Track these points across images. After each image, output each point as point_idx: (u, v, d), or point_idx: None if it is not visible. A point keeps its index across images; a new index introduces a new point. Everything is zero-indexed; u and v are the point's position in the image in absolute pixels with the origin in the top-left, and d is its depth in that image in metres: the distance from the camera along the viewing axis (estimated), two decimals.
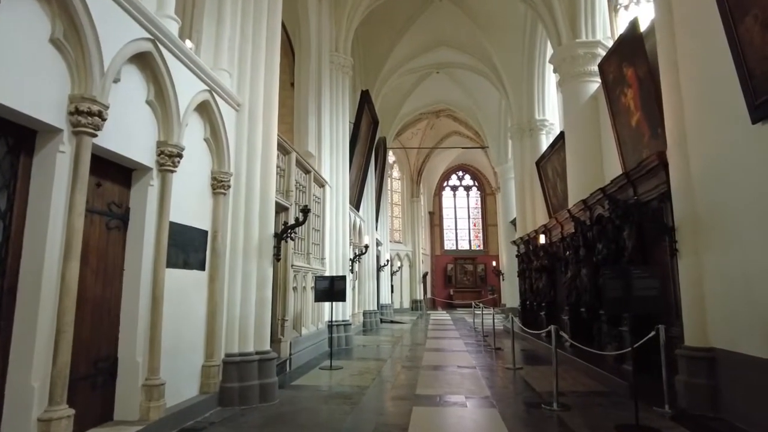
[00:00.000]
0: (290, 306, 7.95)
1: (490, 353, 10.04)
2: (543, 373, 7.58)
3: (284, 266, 7.84)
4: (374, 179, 17.97)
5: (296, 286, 8.46)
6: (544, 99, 16.19)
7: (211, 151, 5.58)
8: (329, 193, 10.94)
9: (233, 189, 5.80)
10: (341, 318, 10.81)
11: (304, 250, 9.09)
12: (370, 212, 17.18)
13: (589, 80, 11.08)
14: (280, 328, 7.66)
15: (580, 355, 8.06)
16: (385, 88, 18.05)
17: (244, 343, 5.62)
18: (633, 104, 8.62)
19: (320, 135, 10.86)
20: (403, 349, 10.64)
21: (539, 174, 15.03)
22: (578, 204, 9.04)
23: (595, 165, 10.61)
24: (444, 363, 8.61)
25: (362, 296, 15.72)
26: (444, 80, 20.83)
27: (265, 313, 5.90)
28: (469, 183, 34.12)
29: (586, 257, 8.59)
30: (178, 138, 4.65)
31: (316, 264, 9.83)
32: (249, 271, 5.76)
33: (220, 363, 5.41)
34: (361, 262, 15.84)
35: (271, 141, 6.28)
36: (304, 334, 8.74)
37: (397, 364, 8.48)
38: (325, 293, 8.15)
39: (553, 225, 11.31)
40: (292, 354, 7.90)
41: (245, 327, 5.65)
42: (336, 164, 11.39)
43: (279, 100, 12.77)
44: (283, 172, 8.03)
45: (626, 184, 6.93)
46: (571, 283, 9.52)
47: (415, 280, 28.40)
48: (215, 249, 5.50)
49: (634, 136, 8.69)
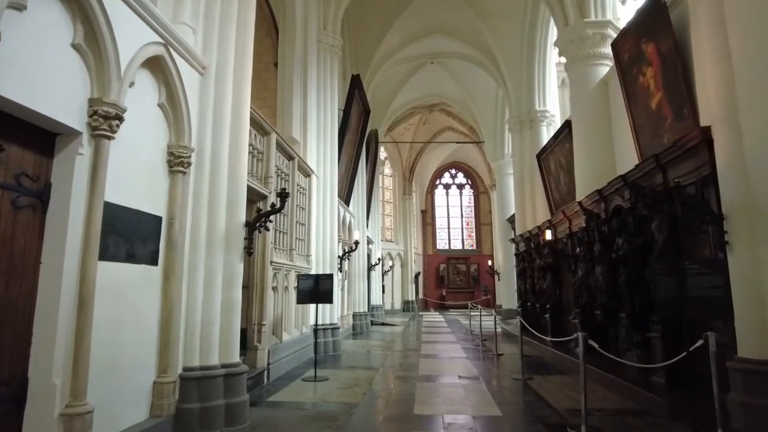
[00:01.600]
0: (269, 308, 6.97)
1: (492, 360, 9.12)
2: (556, 384, 6.66)
3: (261, 263, 6.85)
4: (365, 173, 17.01)
5: (276, 286, 7.47)
6: (544, 89, 15.35)
7: (168, 121, 4.58)
8: (316, 183, 9.96)
9: (195, 167, 4.81)
10: (328, 321, 9.83)
11: (287, 245, 8.10)
12: (361, 208, 16.22)
13: (598, 63, 10.22)
14: (256, 334, 6.67)
15: (597, 364, 7.16)
16: (376, 78, 17.08)
17: (207, 355, 4.63)
18: (653, 84, 7.75)
19: (306, 120, 9.87)
20: (396, 355, 9.68)
21: (540, 168, 14.16)
22: (591, 195, 8.16)
23: (605, 155, 9.74)
24: (442, 372, 7.67)
25: (352, 297, 14.74)
26: (438, 71, 19.93)
27: (234, 318, 4.91)
28: (462, 181, 33.31)
29: (602, 254, 7.70)
30: (118, 96, 3.65)
31: (300, 261, 8.85)
32: (213, 266, 4.77)
33: (176, 379, 4.41)
34: (351, 261, 14.87)
35: (243, 113, 5.29)
36: (285, 340, 7.75)
37: (389, 374, 7.53)
38: (310, 294, 7.17)
39: (559, 220, 10.43)
40: (271, 363, 6.91)
41: (208, 335, 4.66)
42: (323, 153, 10.41)
43: (262, 82, 11.83)
44: (262, 156, 7.05)
45: (654, 168, 6.05)
46: (582, 283, 8.63)
47: (407, 280, 27.48)
48: (172, 239, 4.51)
49: (654, 119, 7.83)
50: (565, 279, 10.44)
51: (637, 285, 6.58)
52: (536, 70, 15.25)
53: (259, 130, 6.95)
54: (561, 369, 7.95)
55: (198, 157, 4.84)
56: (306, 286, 7.14)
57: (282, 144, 7.78)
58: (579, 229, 9.05)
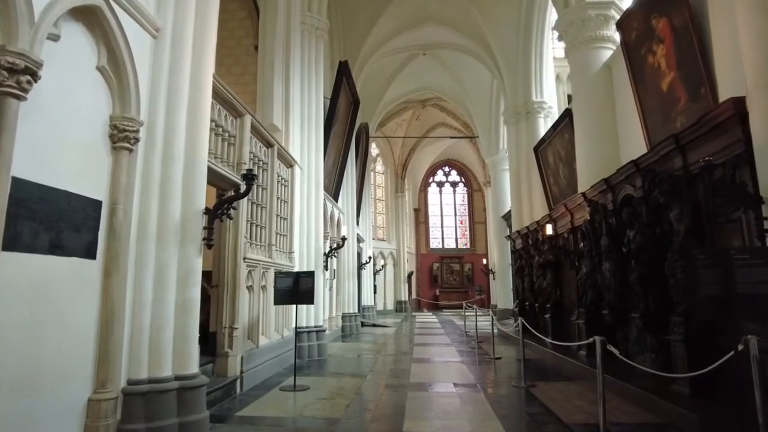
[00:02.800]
0: (242, 310, 6.24)
1: (489, 364, 8.45)
2: (563, 393, 5.99)
3: (233, 259, 6.13)
4: (355, 169, 16.30)
5: (252, 285, 6.74)
6: (541, 79, 14.73)
7: (111, 88, 3.85)
8: (299, 175, 9.23)
9: (145, 144, 4.08)
10: (313, 323, 9.11)
11: (265, 240, 7.38)
12: (350, 204, 15.51)
13: (601, 46, 9.59)
14: (227, 338, 5.94)
15: (607, 369, 6.49)
16: (366, 69, 16.38)
17: (157, 365, 3.90)
18: (665, 63, 7.12)
19: (288, 107, 9.14)
20: (387, 359, 8.98)
21: (538, 161, 13.53)
22: (597, 185, 7.51)
23: (609, 143, 9.11)
24: (436, 379, 6.98)
25: (341, 297, 14.03)
26: (431, 63, 19.24)
27: (190, 321, 4.19)
28: (456, 179, 32.70)
29: (610, 248, 7.04)
30: (29, 46, 2.92)
31: (281, 258, 8.12)
32: (166, 261, 4.05)
33: (117, 395, 3.68)
34: (340, 260, 14.16)
35: (203, 84, 4.57)
36: (263, 344, 7.02)
37: (379, 382, 6.82)
38: (288, 294, 6.45)
39: (559, 214, 9.78)
40: (245, 371, 6.18)
41: (159, 341, 3.94)
42: (308, 142, 9.69)
43: (241, 66, 11.08)
44: (234, 140, 6.32)
45: (673, 151, 5.39)
46: (586, 281, 7.97)
47: (399, 280, 26.77)
48: (114, 228, 3.78)
49: (666, 102, 7.20)
50: (567, 277, 9.80)
51: (651, 282, 5.93)
52: (533, 60, 14.62)
53: (231, 110, 6.22)
54: (565, 374, 7.29)
55: (149, 132, 4.11)
56: (284, 285, 6.42)
57: (258, 128, 7.05)
58: (583, 223, 8.39)
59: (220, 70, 8.75)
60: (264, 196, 7.45)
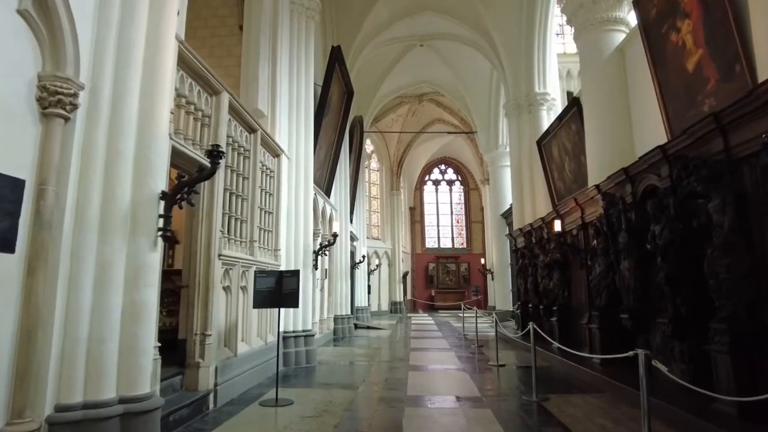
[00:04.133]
0: (217, 314, 5.48)
1: (493, 373, 7.72)
2: (580, 408, 5.27)
3: (206, 256, 5.36)
4: (349, 164, 15.56)
5: (229, 286, 5.98)
6: (545, 70, 14.02)
7: (39, 39, 3.10)
8: (287, 165, 8.47)
9: (87, 113, 3.32)
10: (301, 327, 8.34)
11: (246, 235, 6.61)
12: (344, 201, 14.74)
13: (613, 29, 8.91)
14: (198, 347, 5.18)
15: (622, 378, 5.80)
16: (361, 60, 15.65)
17: (96, 385, 3.14)
18: (692, 40, 6.42)
19: (275, 91, 8.38)
20: (381, 367, 8.23)
21: (541, 155, 12.84)
22: (615, 176, 6.80)
23: (622, 133, 8.43)
24: (436, 391, 6.24)
25: (333, 298, 13.27)
26: (428, 55, 18.50)
27: (143, 330, 3.43)
28: (452, 177, 31.98)
29: (629, 245, 6.34)
30: None
31: (265, 256, 7.36)
32: (110, 256, 3.29)
33: (40, 425, 2.92)
34: (332, 259, 13.41)
35: (164, 44, 3.81)
36: (242, 352, 6.26)
37: (372, 395, 6.08)
38: (270, 296, 5.69)
39: (568, 209, 9.07)
40: (220, 384, 5.42)
41: (99, 356, 3.18)
42: (296, 131, 8.92)
43: (225, 48, 10.26)
44: (209, 120, 5.56)
45: (712, 132, 4.68)
46: (600, 281, 7.28)
47: (394, 280, 26.02)
48: (41, 215, 3.02)
49: (691, 84, 6.50)
50: (575, 277, 9.10)
51: (681, 282, 5.23)
52: (536, 49, 13.92)
53: (205, 86, 5.46)
54: (578, 385, 6.58)
55: (92, 98, 3.35)
56: (265, 285, 5.65)
57: (239, 110, 6.29)
58: (596, 218, 7.70)
59: (202, 51, 7.95)
60: (245, 186, 6.69)
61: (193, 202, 3.77)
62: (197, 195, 3.74)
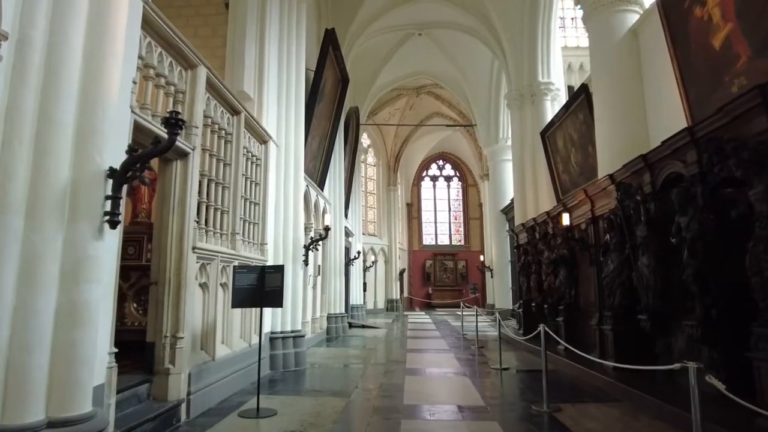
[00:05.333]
0: (191, 314, 4.87)
1: (496, 377, 7.15)
2: (599, 421, 4.69)
3: (178, 248, 4.75)
4: (344, 156, 14.94)
5: (206, 282, 5.37)
6: (549, 59, 13.43)
7: None
8: (275, 153, 7.87)
9: (11, 69, 2.70)
10: (289, 327, 7.74)
11: (227, 227, 6.00)
12: (338, 195, 14.14)
13: (625, 9, 8.36)
14: (168, 351, 4.57)
15: (643, 387, 5.23)
16: (357, 49, 15.02)
17: (18, 406, 2.53)
18: (719, 14, 5.84)
19: (262, 74, 7.76)
20: (376, 370, 7.64)
21: (545, 147, 12.28)
22: (632, 163, 6.22)
23: (636, 121, 7.88)
24: (436, 399, 5.66)
25: (326, 296, 12.67)
26: (427, 45, 17.87)
27: (84, 335, 2.82)
28: (450, 173, 31.41)
29: (649, 240, 5.77)
30: None
31: (250, 251, 6.76)
32: (39, 246, 2.67)
33: None
34: (326, 255, 12.81)
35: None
36: (222, 356, 5.66)
37: (366, 403, 5.48)
38: (250, 295, 5.08)
39: (577, 202, 8.48)
40: (194, 392, 4.82)
41: (22, 369, 2.56)
42: (286, 117, 8.30)
43: (210, 28, 9.62)
44: (183, 97, 4.94)
45: (755, 108, 4.09)
46: (614, 279, 6.70)
47: (391, 277, 25.42)
48: None
49: (718, 63, 5.92)
50: (584, 274, 8.53)
51: (712, 280, 4.67)
52: (540, 37, 13.32)
53: (178, 57, 4.85)
54: (591, 392, 6.00)
55: (18, 51, 2.73)
56: (245, 282, 5.04)
57: (218, 87, 5.67)
58: (608, 211, 7.12)
59: (186, 31, 7.30)
60: (227, 173, 6.07)
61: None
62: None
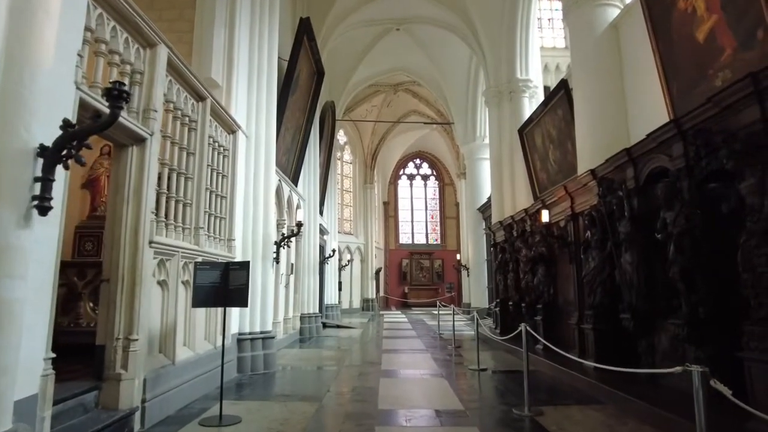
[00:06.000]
0: (147, 314, 4.45)
1: (475, 378, 6.92)
2: (583, 426, 4.48)
3: (133, 242, 4.34)
4: (319, 152, 14.54)
5: (165, 280, 4.96)
6: (527, 55, 13.32)
7: None
8: (244, 144, 7.46)
9: None
10: (259, 328, 7.35)
11: (190, 221, 5.59)
12: (313, 191, 13.73)
13: (606, 3, 8.23)
14: (120, 354, 4.16)
15: (628, 389, 5.06)
16: (332, 42, 14.63)
17: None
18: (704, 6, 5.71)
19: (231, 60, 7.35)
20: (350, 373, 7.32)
21: (523, 144, 12.15)
22: (616, 158, 6.07)
23: (616, 116, 7.75)
24: (413, 403, 5.37)
25: (299, 295, 12.27)
26: (405, 41, 17.61)
27: (1, 340, 2.42)
28: (427, 172, 31.31)
29: (632, 236, 5.60)
30: None
31: (216, 247, 6.35)
32: None
33: None
34: (300, 253, 12.41)
35: None
36: (183, 359, 5.25)
37: (338, 409, 5.16)
38: (213, 293, 4.69)
39: (556, 198, 8.33)
40: (150, 399, 4.40)
41: None
42: (257, 106, 7.89)
43: (176, 10, 9.04)
44: (140, 77, 4.52)
45: (746, 98, 3.92)
46: (595, 276, 6.53)
47: (366, 276, 25.11)
48: None
49: (702, 57, 5.80)
50: (562, 272, 8.38)
51: (699, 278, 4.51)
52: (518, 33, 13.19)
53: (135, 34, 4.43)
54: (573, 394, 5.81)
55: None
56: (207, 280, 4.65)
57: (181, 70, 5.25)
58: (589, 208, 6.96)
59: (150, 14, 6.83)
60: (190, 163, 5.66)
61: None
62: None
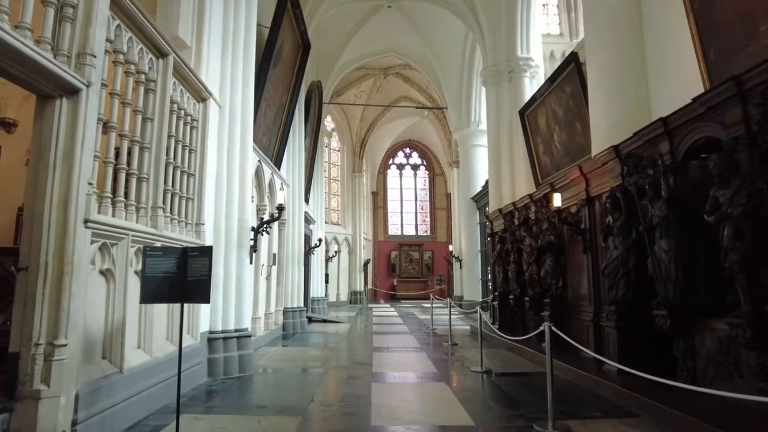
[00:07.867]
0: (82, 311, 3.52)
1: (480, 383, 6.09)
2: None
3: (61, 221, 3.39)
4: (305, 135, 13.55)
5: (111, 269, 4.03)
6: (528, 32, 12.46)
7: None
8: (217, 115, 6.50)
9: None
10: (233, 326, 6.43)
11: (146, 200, 4.64)
12: (298, 176, 12.75)
13: None
14: (41, 365, 3.22)
15: (665, 398, 4.25)
16: (319, 16, 13.62)
17: None
18: None
19: (202, 19, 6.35)
20: (338, 375, 6.45)
21: (524, 126, 11.33)
22: (648, 129, 5.23)
23: (636, 89, 6.91)
24: (412, 418, 4.50)
25: (283, 288, 11.34)
26: (397, 20, 16.64)
27: None
28: (417, 162, 30.48)
29: (669, 219, 4.78)
30: None
31: (181, 232, 5.41)
32: None
33: None
34: (283, 243, 11.48)
35: None
36: (135, 365, 4.32)
37: (323, 426, 4.27)
38: (167, 286, 3.74)
39: (568, 181, 7.49)
40: (84, 420, 3.48)
41: None
42: (232, 74, 6.91)
43: None
44: (71, 11, 3.54)
45: None
46: (618, 267, 5.73)
47: (355, 268, 24.24)
48: None
49: (751, 11, 4.97)
50: (573, 263, 7.57)
51: (765, 269, 3.70)
52: (519, 9, 12.31)
53: None
54: (599, 404, 5.00)
55: None
56: (159, 269, 3.69)
57: (132, 13, 4.25)
58: (609, 190, 6.15)
59: None
60: (147, 129, 4.70)
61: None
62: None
